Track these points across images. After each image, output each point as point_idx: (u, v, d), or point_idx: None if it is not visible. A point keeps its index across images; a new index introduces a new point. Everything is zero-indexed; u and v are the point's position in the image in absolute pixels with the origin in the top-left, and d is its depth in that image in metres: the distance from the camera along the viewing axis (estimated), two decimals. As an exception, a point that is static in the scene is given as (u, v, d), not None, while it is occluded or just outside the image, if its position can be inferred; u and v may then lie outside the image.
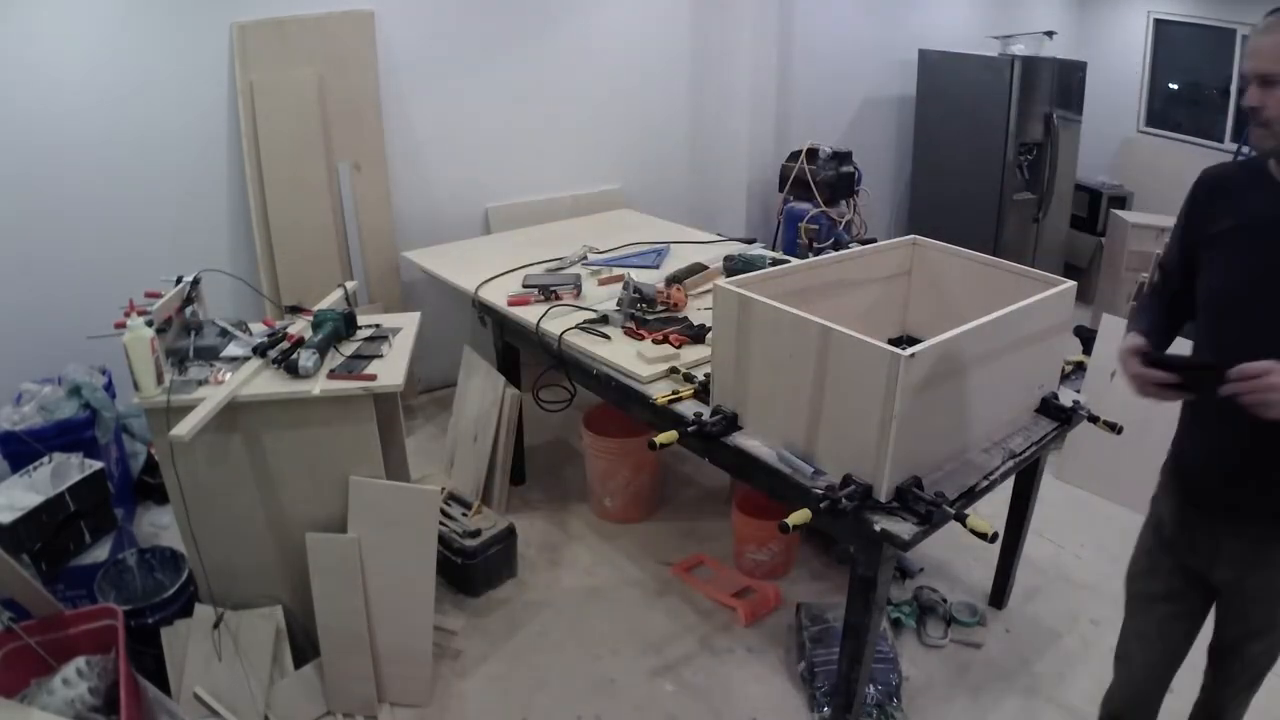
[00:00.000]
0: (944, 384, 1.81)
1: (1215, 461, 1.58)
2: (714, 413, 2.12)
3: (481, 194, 4.05)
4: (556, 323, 2.69)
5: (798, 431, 1.94)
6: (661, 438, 2.05)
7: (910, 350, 1.67)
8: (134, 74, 3.08)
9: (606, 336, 2.62)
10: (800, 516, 1.76)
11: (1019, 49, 5.11)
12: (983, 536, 1.72)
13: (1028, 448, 2.08)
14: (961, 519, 1.76)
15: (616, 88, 4.32)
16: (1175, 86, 6.12)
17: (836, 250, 3.00)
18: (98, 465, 2.54)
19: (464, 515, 2.85)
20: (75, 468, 2.52)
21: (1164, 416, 3.19)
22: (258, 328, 2.39)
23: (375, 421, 2.18)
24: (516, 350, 3.14)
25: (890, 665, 2.32)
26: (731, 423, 2.10)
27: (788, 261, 2.81)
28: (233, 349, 2.22)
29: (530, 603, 2.74)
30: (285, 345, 2.19)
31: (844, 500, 1.76)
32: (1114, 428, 2.21)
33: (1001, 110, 4.81)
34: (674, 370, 2.38)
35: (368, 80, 3.55)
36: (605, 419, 3.12)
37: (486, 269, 3.15)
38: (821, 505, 1.77)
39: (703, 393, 2.24)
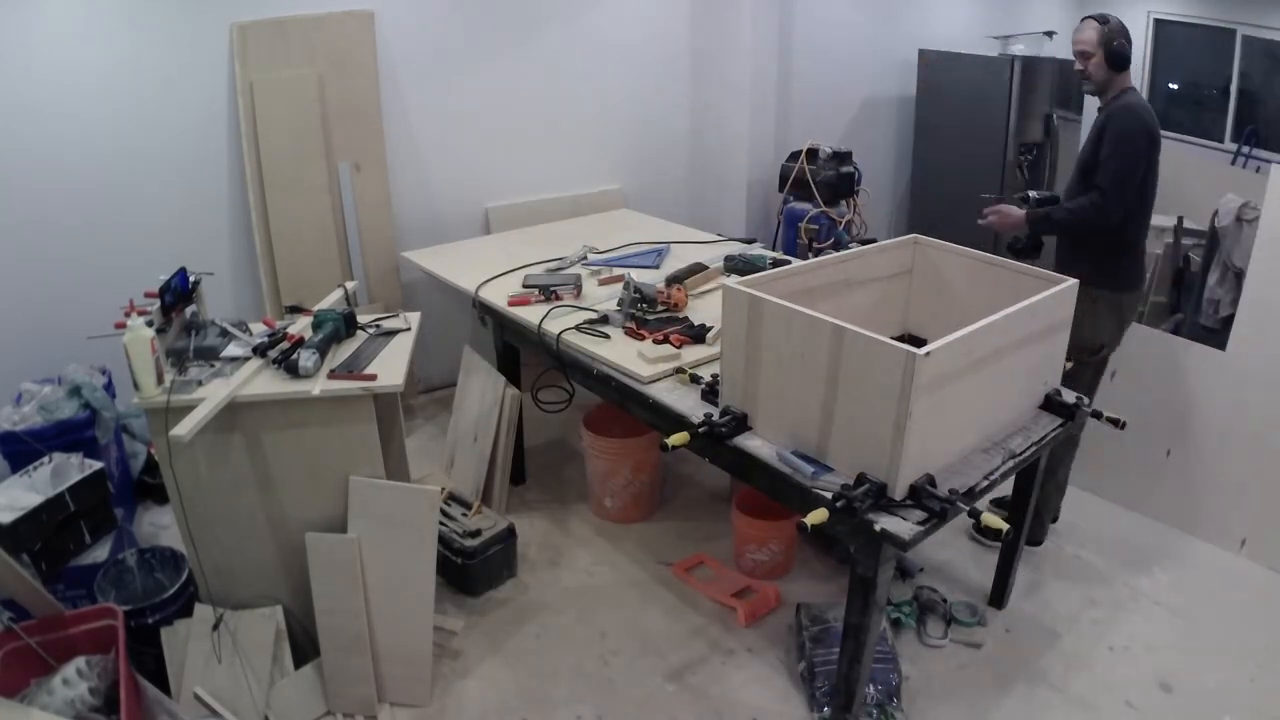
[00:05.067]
0: (956, 381, 1.82)
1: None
2: (723, 413, 2.12)
3: (481, 194, 4.05)
4: (557, 323, 2.69)
5: (809, 431, 1.94)
6: (674, 439, 2.04)
7: (926, 349, 1.68)
8: (134, 74, 3.08)
9: (607, 336, 2.62)
10: (818, 516, 1.76)
11: (1019, 49, 5.12)
12: (995, 533, 1.73)
13: (1028, 448, 2.08)
14: (975, 515, 1.77)
15: (617, 87, 4.32)
16: (1175, 86, 6.12)
17: (837, 250, 3.00)
18: (98, 465, 2.53)
19: (464, 515, 2.85)
20: (75, 468, 2.51)
21: (1164, 416, 3.20)
22: (258, 328, 2.39)
23: (375, 421, 2.18)
24: (516, 350, 3.14)
25: (890, 665, 2.32)
26: (741, 423, 2.09)
27: (788, 262, 2.81)
28: (233, 349, 2.22)
29: (530, 603, 2.74)
30: (285, 345, 2.19)
31: (859, 499, 1.76)
32: (1117, 423, 2.22)
33: (1001, 110, 4.82)
34: (680, 370, 2.38)
35: (368, 80, 3.55)
36: (605, 419, 3.12)
37: (486, 269, 3.15)
38: (838, 504, 1.77)
39: (710, 393, 2.24)
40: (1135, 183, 2.56)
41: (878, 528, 1.75)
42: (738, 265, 3.08)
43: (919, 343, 1.76)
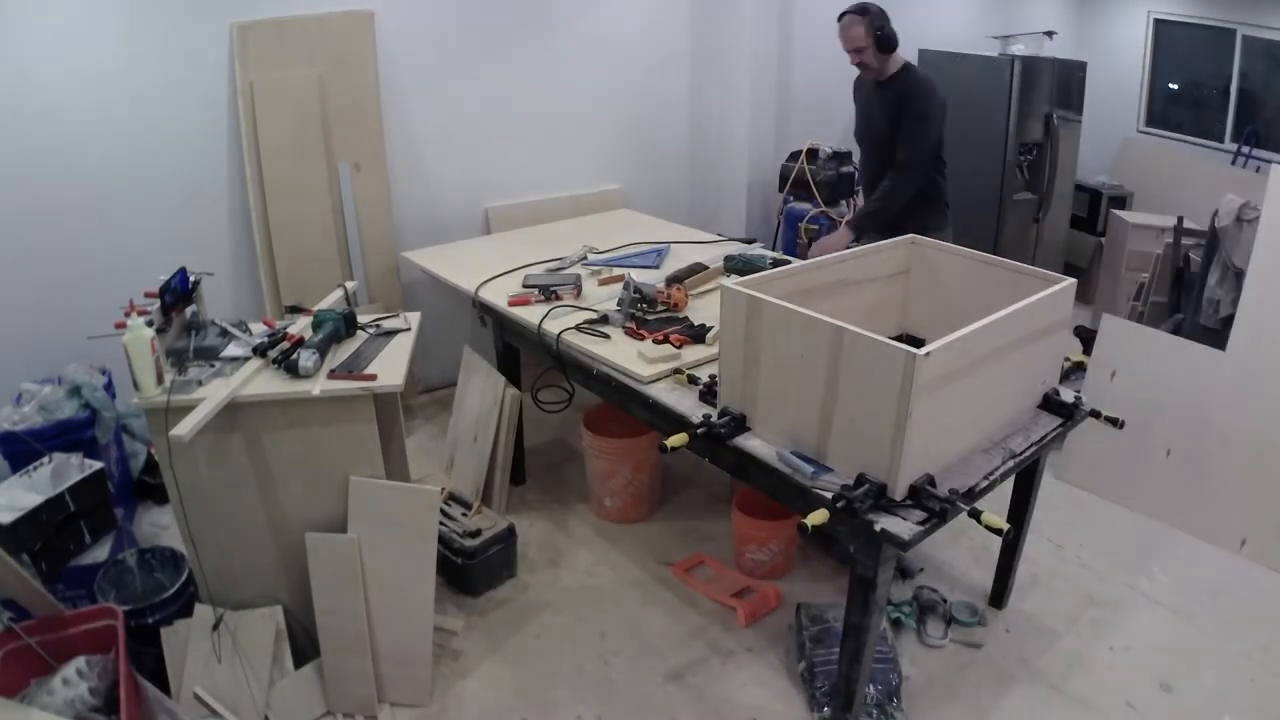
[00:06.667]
0: (955, 381, 1.82)
1: None
2: (721, 414, 2.12)
3: (481, 194, 4.05)
4: (557, 323, 2.69)
5: (809, 432, 1.94)
6: (673, 441, 2.04)
7: (926, 349, 1.68)
8: (134, 74, 3.08)
9: (607, 336, 2.62)
10: (818, 517, 1.76)
11: (1019, 49, 5.11)
12: (997, 532, 1.75)
13: (1028, 448, 2.09)
14: (976, 515, 1.77)
15: (616, 87, 4.32)
16: (1175, 86, 6.12)
17: (836, 250, 2.99)
18: (98, 465, 2.54)
19: (464, 515, 2.85)
20: (75, 468, 2.51)
21: (1164, 416, 3.20)
22: (258, 328, 2.39)
23: (375, 421, 2.18)
24: (516, 350, 3.14)
25: (890, 665, 2.32)
26: (740, 424, 2.09)
27: (788, 262, 2.82)
28: (233, 349, 2.23)
29: (530, 603, 2.74)
30: (285, 345, 2.19)
31: (859, 499, 1.76)
32: (1115, 422, 2.23)
33: (1001, 110, 4.81)
34: (678, 371, 2.38)
35: (368, 80, 3.55)
36: (605, 419, 3.12)
37: (486, 269, 3.15)
38: (838, 505, 1.77)
39: (708, 394, 2.24)
40: (933, 149, 3.05)
41: (878, 528, 1.75)
42: (738, 265, 3.08)
43: (917, 343, 1.76)
